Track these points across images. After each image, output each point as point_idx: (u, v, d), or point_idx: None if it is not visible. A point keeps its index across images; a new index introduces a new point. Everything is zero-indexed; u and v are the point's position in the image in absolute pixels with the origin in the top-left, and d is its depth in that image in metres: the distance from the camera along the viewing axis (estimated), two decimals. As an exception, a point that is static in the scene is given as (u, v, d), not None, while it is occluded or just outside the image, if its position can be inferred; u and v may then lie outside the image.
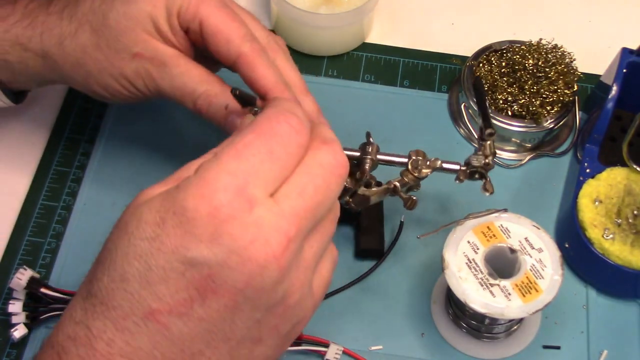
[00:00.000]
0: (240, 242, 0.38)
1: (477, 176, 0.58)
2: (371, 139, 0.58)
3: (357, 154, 0.58)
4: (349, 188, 0.57)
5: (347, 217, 0.64)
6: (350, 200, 0.57)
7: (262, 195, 0.40)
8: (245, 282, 0.39)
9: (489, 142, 0.57)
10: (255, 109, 0.53)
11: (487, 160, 0.57)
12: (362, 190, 0.57)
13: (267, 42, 0.58)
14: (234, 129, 0.55)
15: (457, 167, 0.58)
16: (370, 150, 0.58)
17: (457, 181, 0.58)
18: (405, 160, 0.58)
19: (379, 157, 0.58)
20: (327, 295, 0.62)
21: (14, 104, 0.64)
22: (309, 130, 0.43)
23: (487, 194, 0.57)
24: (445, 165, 0.58)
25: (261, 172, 0.40)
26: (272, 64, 0.55)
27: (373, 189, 0.58)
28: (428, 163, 0.57)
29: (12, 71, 0.60)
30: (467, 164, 0.58)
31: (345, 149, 0.57)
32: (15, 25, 0.58)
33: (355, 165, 0.58)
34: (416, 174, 0.57)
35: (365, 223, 0.64)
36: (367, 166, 0.57)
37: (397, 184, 0.57)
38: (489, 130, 0.57)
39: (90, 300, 0.41)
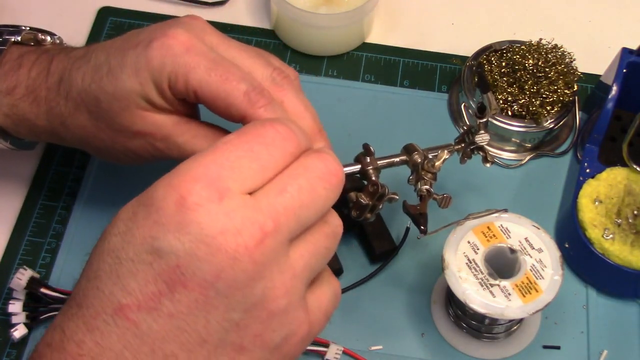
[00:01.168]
0: (209, 230, 0.37)
1: (475, 152, 0.58)
2: (371, 148, 0.56)
3: (357, 167, 0.56)
4: (366, 204, 0.54)
5: (349, 225, 0.63)
6: (369, 215, 0.56)
7: (236, 189, 0.39)
8: (215, 274, 0.37)
9: (485, 120, 0.57)
10: None
11: (482, 137, 0.57)
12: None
13: (272, 81, 0.52)
14: None
15: (459, 147, 0.58)
16: (369, 160, 0.56)
17: (462, 163, 0.59)
18: (404, 157, 0.57)
19: (379, 163, 0.57)
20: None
21: (28, 149, 0.63)
22: (299, 141, 0.42)
23: (488, 165, 0.58)
24: (450, 150, 0.57)
25: (237, 167, 0.39)
26: (278, 113, 0.50)
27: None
28: (431, 156, 0.56)
29: (25, 137, 0.60)
30: (468, 142, 0.58)
31: (345, 165, 0.54)
32: (21, 101, 0.56)
33: (361, 179, 0.57)
34: (433, 170, 0.56)
35: (370, 228, 0.63)
36: (373, 177, 0.56)
37: (428, 187, 0.55)
38: (493, 113, 0.57)
39: (68, 304, 0.40)
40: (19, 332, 0.59)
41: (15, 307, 0.59)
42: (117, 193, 0.67)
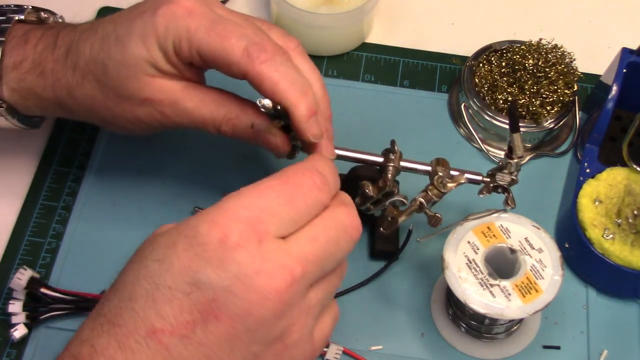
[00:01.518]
0: (247, 270, 0.40)
1: (499, 190, 0.58)
2: (396, 147, 0.58)
3: (380, 159, 0.58)
4: (370, 196, 0.56)
5: (364, 218, 0.63)
6: (372, 207, 0.57)
7: (274, 233, 0.42)
8: (246, 310, 0.40)
9: (516, 161, 0.57)
10: (282, 122, 0.52)
11: (512, 177, 0.57)
12: (389, 211, 0.56)
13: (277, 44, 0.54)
14: (270, 146, 0.54)
15: (478, 178, 0.57)
16: (393, 157, 0.57)
17: (481, 195, 0.58)
18: (429, 168, 0.57)
19: (402, 164, 0.58)
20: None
21: (34, 128, 0.64)
22: (331, 192, 0.45)
23: (509, 209, 0.57)
24: (469, 177, 0.57)
25: (277, 213, 0.42)
26: (281, 69, 0.51)
27: (401, 209, 0.57)
28: (452, 177, 0.56)
29: (33, 112, 0.60)
30: (491, 175, 0.57)
31: (368, 154, 0.58)
32: (28, 74, 0.57)
33: (378, 172, 0.58)
34: (442, 189, 0.56)
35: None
36: (389, 174, 0.57)
37: (422, 200, 0.56)
38: (520, 154, 0.56)
39: (98, 320, 0.42)
40: (19, 332, 0.59)
41: (15, 307, 0.59)
42: (117, 193, 0.67)
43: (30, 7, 0.60)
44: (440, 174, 0.56)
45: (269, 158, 0.69)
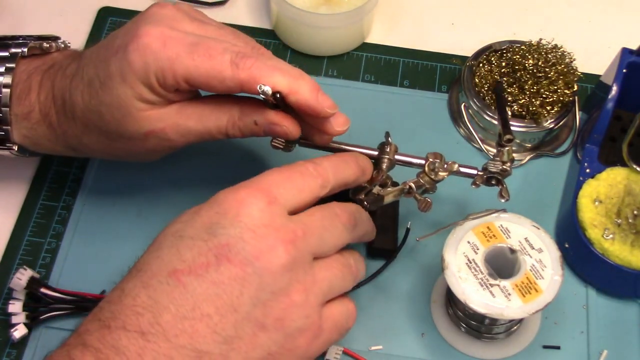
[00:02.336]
0: (257, 222, 0.47)
1: (493, 182, 0.58)
2: (390, 139, 0.58)
3: (375, 153, 0.59)
4: (364, 186, 0.57)
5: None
6: (364, 198, 0.57)
7: (281, 200, 0.48)
8: (255, 255, 0.46)
9: (507, 149, 0.57)
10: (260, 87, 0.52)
11: (504, 167, 0.57)
12: (376, 189, 0.57)
13: (252, 51, 0.55)
14: (280, 135, 0.55)
15: (474, 171, 0.58)
16: (388, 150, 0.58)
17: (474, 186, 0.58)
18: (423, 162, 0.58)
19: (396, 157, 0.59)
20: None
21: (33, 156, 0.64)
22: (326, 180, 0.52)
23: (503, 200, 0.58)
24: (462, 169, 0.58)
25: (282, 185, 0.49)
26: (270, 63, 0.52)
27: (388, 189, 0.57)
28: (445, 166, 0.57)
29: (44, 152, 0.61)
30: (484, 169, 0.58)
31: (363, 148, 0.59)
32: (38, 125, 0.58)
33: (373, 164, 0.58)
34: (433, 177, 0.57)
35: (380, 222, 0.64)
36: (384, 166, 0.58)
37: (413, 185, 0.57)
38: (507, 137, 0.57)
39: (130, 271, 0.48)
40: (19, 332, 0.59)
41: (15, 307, 0.59)
42: (117, 193, 0.67)
43: (32, 42, 0.59)
44: (431, 159, 0.57)
45: (269, 157, 0.69)
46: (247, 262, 0.46)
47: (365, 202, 0.57)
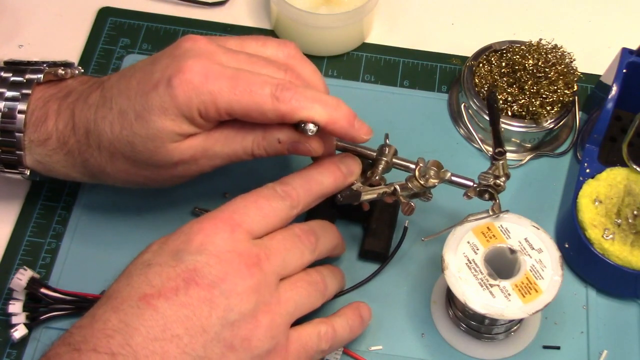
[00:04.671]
0: (221, 248, 0.50)
1: (486, 196, 0.57)
2: (387, 141, 0.58)
3: (374, 154, 0.58)
4: (356, 190, 0.57)
5: (359, 216, 0.64)
6: (340, 192, 0.57)
7: (244, 227, 0.51)
8: (221, 277, 0.49)
9: (501, 162, 0.57)
10: (303, 124, 0.53)
11: (497, 181, 0.56)
12: (356, 186, 0.57)
13: (286, 58, 0.57)
14: (305, 154, 0.56)
15: (466, 182, 0.57)
16: (386, 152, 0.58)
17: (465, 197, 0.58)
18: (421, 165, 0.57)
19: (394, 160, 0.58)
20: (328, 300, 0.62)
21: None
22: (296, 200, 0.54)
23: (494, 215, 0.57)
24: (454, 179, 0.57)
25: (245, 212, 0.52)
26: (308, 94, 0.54)
27: (367, 186, 0.57)
28: (438, 173, 0.57)
29: (56, 177, 0.61)
30: (479, 182, 0.57)
31: (362, 148, 0.59)
32: (55, 152, 0.58)
33: (370, 165, 0.58)
34: (422, 182, 0.56)
35: (374, 225, 0.64)
36: (380, 167, 0.57)
37: (398, 187, 0.56)
38: (498, 149, 0.56)
39: (100, 300, 0.50)
40: (19, 332, 0.59)
41: (15, 307, 0.59)
42: (118, 193, 0.67)
43: (47, 67, 0.59)
44: (422, 165, 0.56)
45: (269, 157, 0.69)
46: (214, 284, 0.48)
47: (338, 195, 0.57)
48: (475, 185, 0.57)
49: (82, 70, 0.62)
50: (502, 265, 0.56)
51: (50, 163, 0.59)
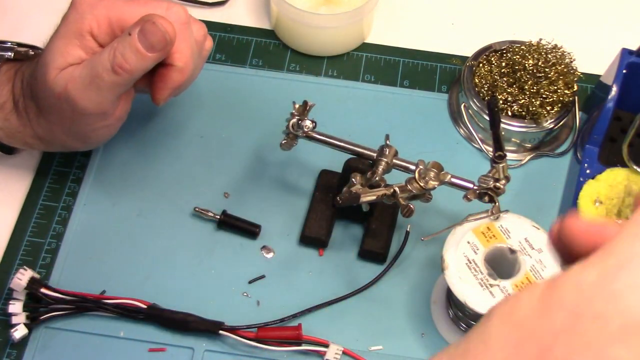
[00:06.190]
0: None
1: (486, 199, 0.57)
2: (388, 142, 0.58)
3: (374, 155, 0.58)
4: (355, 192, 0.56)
5: (360, 217, 0.64)
6: (339, 195, 0.57)
7: None
8: None
9: (501, 165, 0.57)
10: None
11: (497, 184, 0.56)
12: (356, 188, 0.57)
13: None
14: (158, 37, 0.56)
15: (466, 184, 0.57)
16: (387, 152, 0.58)
17: (465, 199, 0.58)
18: (421, 167, 0.57)
19: (394, 161, 0.58)
20: (330, 303, 0.62)
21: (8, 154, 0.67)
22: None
23: (493, 217, 0.57)
24: (454, 181, 0.57)
25: None
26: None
27: (367, 188, 0.57)
28: (438, 175, 0.56)
29: (18, 146, 0.65)
30: (479, 185, 0.57)
31: (363, 148, 0.59)
32: (11, 115, 0.61)
33: (370, 165, 0.58)
34: (422, 184, 0.56)
35: (374, 225, 0.63)
36: (380, 168, 0.57)
37: (397, 189, 0.56)
38: (498, 153, 0.56)
39: None
40: (19, 332, 0.59)
41: (16, 307, 0.59)
42: (117, 193, 0.67)
43: (17, 46, 0.63)
44: (421, 167, 0.56)
45: (269, 157, 0.69)
46: None
47: (337, 198, 0.57)
48: (475, 187, 0.57)
49: None
50: (502, 265, 0.56)
51: (8, 128, 0.61)
